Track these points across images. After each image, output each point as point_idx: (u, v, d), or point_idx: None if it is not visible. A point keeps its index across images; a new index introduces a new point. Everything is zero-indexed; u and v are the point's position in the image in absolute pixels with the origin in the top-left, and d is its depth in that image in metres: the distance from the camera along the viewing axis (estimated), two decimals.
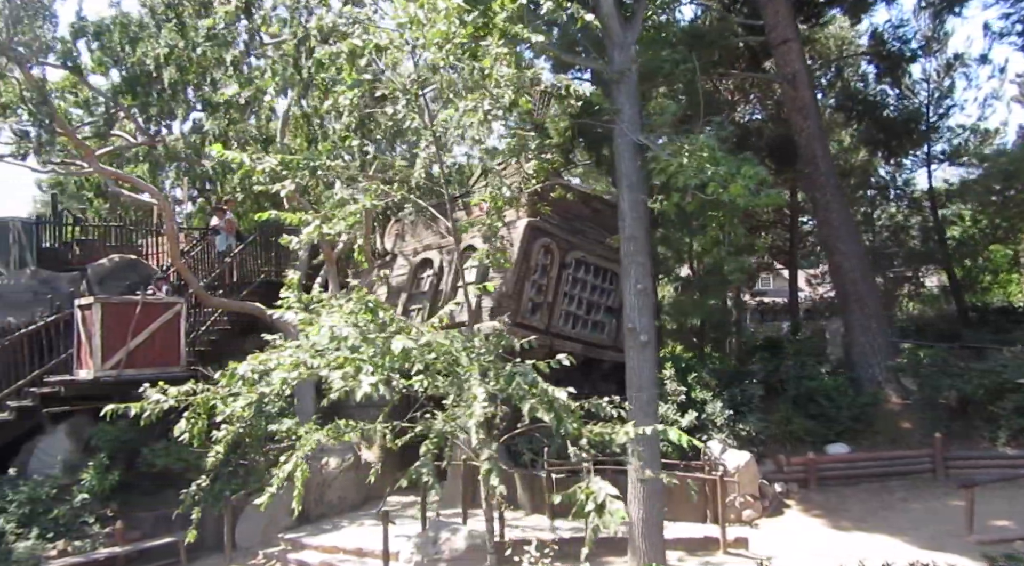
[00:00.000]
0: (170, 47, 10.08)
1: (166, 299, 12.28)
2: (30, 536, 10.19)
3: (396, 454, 14.69)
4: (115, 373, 11.46)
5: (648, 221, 8.59)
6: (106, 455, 11.19)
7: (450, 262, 14.19)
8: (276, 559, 11.13)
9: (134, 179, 12.06)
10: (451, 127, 5.75)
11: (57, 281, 13.95)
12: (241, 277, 15.42)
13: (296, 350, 5.18)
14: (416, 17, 5.10)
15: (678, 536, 10.42)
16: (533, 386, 4.45)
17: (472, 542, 10.40)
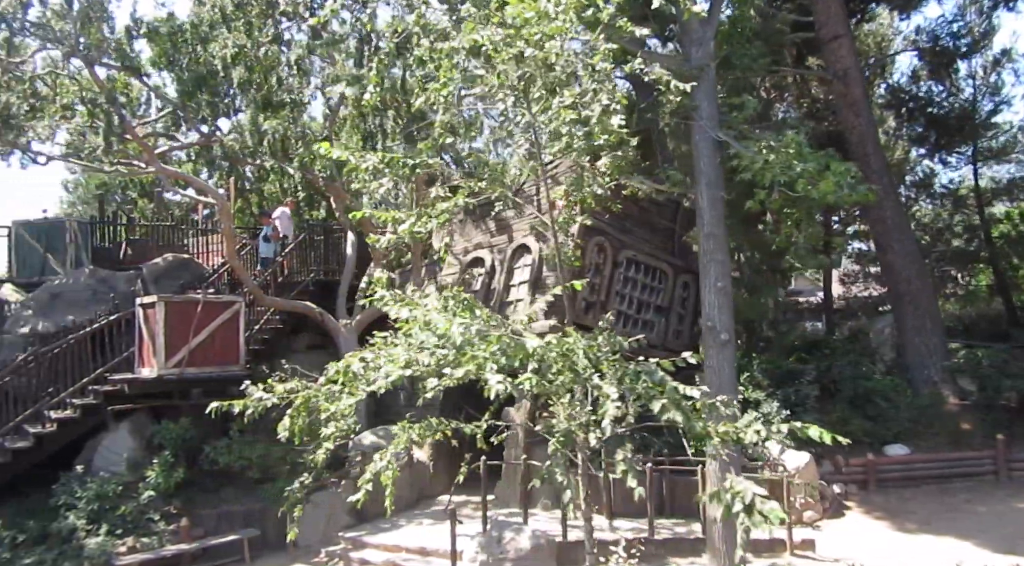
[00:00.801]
0: (238, 47, 10.15)
1: (226, 298, 12.36)
2: (99, 532, 10.30)
3: (446, 454, 14.80)
4: (178, 371, 11.56)
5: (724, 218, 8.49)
6: (170, 453, 11.27)
7: (501, 261, 14.17)
8: (338, 557, 11.16)
9: (195, 179, 12.17)
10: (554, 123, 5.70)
11: (114, 280, 14.10)
12: (291, 277, 15.49)
13: (408, 348, 5.15)
14: (545, 11, 5.05)
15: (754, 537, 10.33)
16: (661, 385, 4.41)
17: (536, 542, 10.35)
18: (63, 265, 14.83)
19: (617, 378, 4.47)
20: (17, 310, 13.68)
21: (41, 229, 15.35)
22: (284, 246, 15.85)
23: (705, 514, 9.41)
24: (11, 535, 10.03)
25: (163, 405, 12.05)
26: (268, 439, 12.44)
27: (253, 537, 11.15)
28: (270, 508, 11.57)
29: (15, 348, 12.99)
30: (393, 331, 6.16)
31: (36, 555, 9.87)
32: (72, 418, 11.55)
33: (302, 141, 11.12)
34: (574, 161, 12.99)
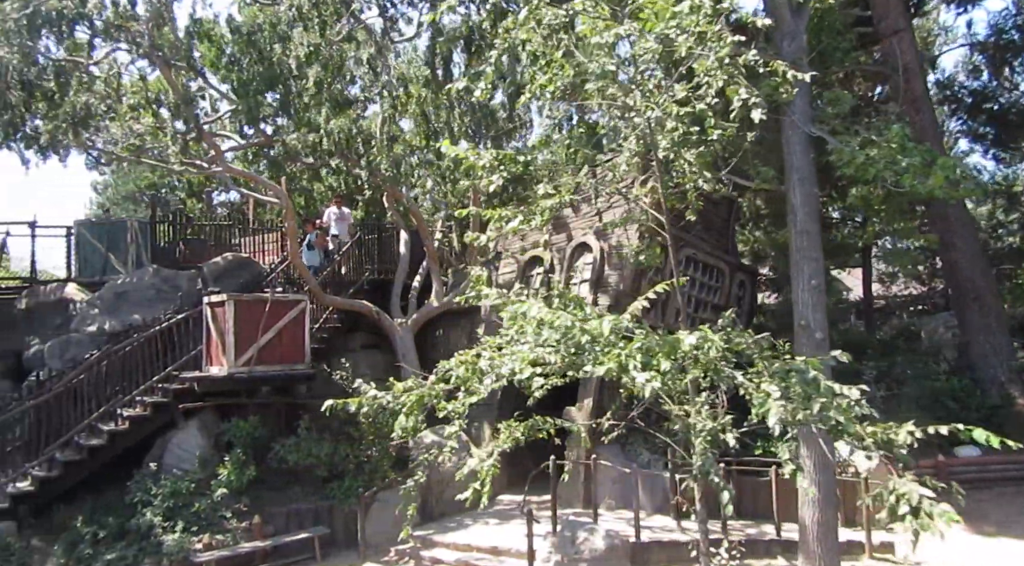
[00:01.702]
0: (312, 46, 10.19)
1: (292, 297, 12.41)
2: (176, 529, 10.37)
3: (505, 454, 14.75)
4: (247, 369, 11.62)
5: (819, 215, 8.35)
6: (242, 451, 11.33)
7: (560, 260, 14.09)
8: (408, 556, 11.16)
9: (260, 178, 12.23)
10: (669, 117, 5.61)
11: (177, 279, 14.22)
12: (346, 276, 15.53)
13: (533, 346, 5.10)
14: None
15: None
16: (814, 385, 4.30)
17: (611, 542, 10.29)
18: (124, 265, 14.99)
19: (774, 376, 4.38)
20: (84, 309, 13.84)
21: (103, 229, 15.53)
22: (340, 246, 15.87)
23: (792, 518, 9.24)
24: (92, 531, 10.14)
25: (231, 403, 12.12)
26: (333, 438, 12.53)
27: (323, 535, 11.18)
28: (338, 506, 11.63)
29: (83, 346, 13.16)
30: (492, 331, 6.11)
31: (117, 551, 9.97)
32: (144, 416, 11.67)
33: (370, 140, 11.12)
34: (676, 155, 12.95)
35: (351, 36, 10.02)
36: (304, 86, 10.68)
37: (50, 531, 10.63)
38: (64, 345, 13.30)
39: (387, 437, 12.32)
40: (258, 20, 10.56)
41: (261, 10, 13.77)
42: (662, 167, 6.64)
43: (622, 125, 6.15)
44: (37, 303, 14.75)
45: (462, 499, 6.10)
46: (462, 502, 13.67)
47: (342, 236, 15.73)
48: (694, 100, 5.69)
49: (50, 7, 8.88)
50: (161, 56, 10.09)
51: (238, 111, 12.22)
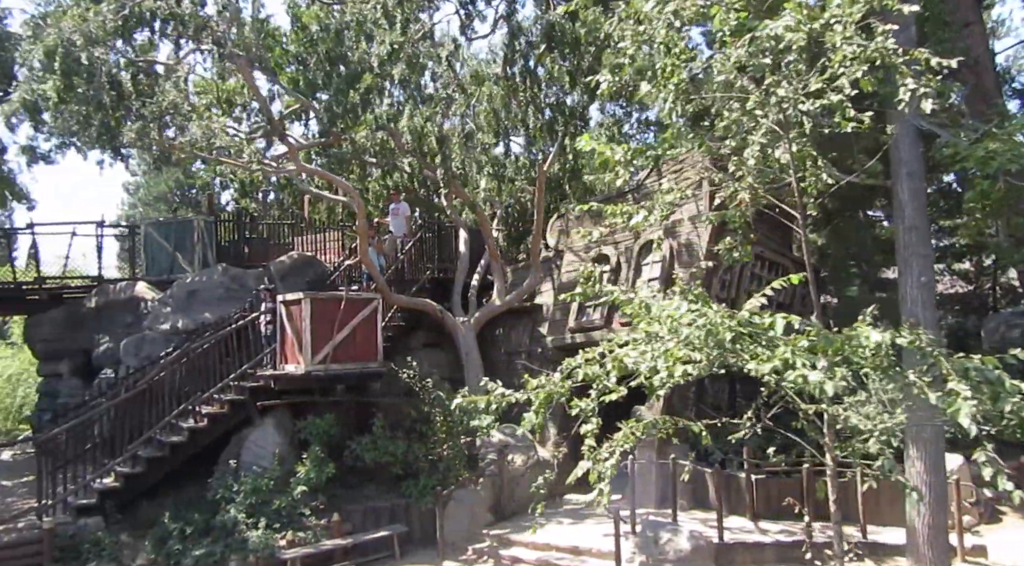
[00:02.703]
0: (394, 44, 10.18)
1: (366, 295, 12.43)
2: (259, 526, 10.41)
3: (569, 452, 14.69)
4: (323, 367, 11.65)
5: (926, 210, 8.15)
6: (320, 448, 11.36)
7: (627, 258, 13.98)
8: (487, 555, 11.13)
9: (333, 176, 12.25)
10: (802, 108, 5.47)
11: (245, 278, 14.32)
12: (409, 274, 15.53)
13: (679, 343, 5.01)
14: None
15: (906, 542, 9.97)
16: (999, 383, 4.16)
17: (696, 543, 10.16)
18: (190, 264, 15.13)
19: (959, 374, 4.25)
20: (156, 307, 13.98)
21: (170, 229, 15.70)
22: (395, 242, 15.84)
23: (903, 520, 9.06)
24: (179, 527, 10.22)
25: (304, 402, 12.17)
26: (406, 436, 12.53)
27: (401, 533, 11.18)
28: (414, 504, 11.63)
29: (157, 344, 13.30)
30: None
31: (204, 547, 10.04)
32: (222, 413, 11.75)
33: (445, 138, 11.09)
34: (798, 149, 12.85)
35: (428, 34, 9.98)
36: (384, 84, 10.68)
37: (136, 526, 10.75)
38: (138, 343, 13.46)
39: (459, 435, 12.32)
40: (345, 18, 10.55)
41: (323, 10, 13.84)
42: (761, 162, 6.51)
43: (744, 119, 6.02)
44: (107, 302, 14.95)
45: (580, 499, 5.97)
46: (528, 501, 13.67)
47: (397, 232, 15.67)
48: (829, 92, 5.55)
49: (145, 7, 8.99)
50: (242, 56, 10.14)
51: (317, 111, 12.25)
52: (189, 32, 9.45)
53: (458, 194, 14.07)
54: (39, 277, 15.38)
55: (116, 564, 9.87)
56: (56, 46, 9.08)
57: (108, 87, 9.54)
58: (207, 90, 13.31)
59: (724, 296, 13.55)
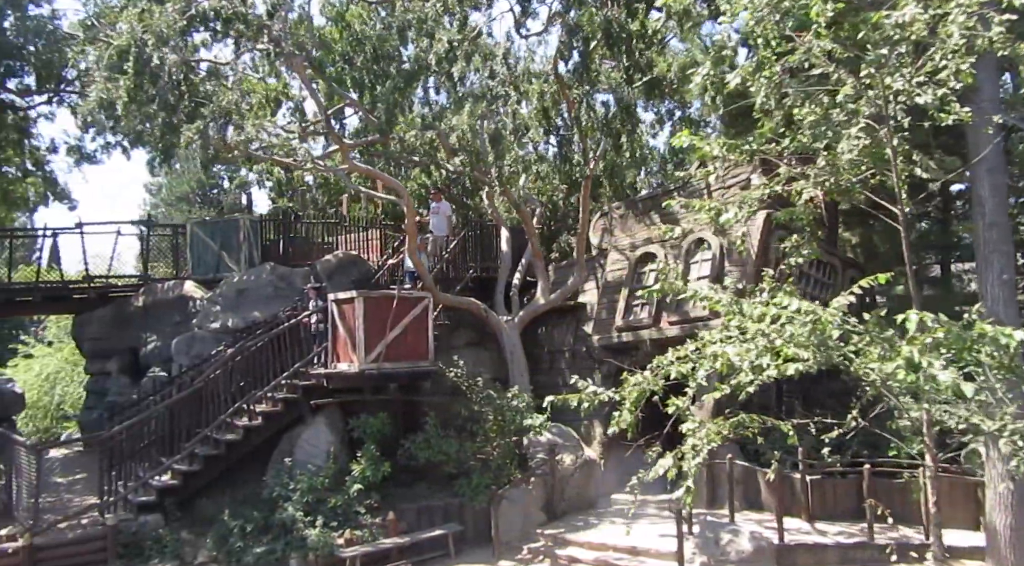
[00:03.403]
0: (452, 42, 10.16)
1: (417, 294, 12.43)
2: (316, 524, 10.42)
3: (616, 452, 14.61)
4: (376, 366, 11.65)
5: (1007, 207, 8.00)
6: (375, 447, 11.37)
7: (676, 256, 13.88)
8: (542, 554, 11.08)
9: (384, 176, 12.25)
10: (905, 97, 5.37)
11: (292, 277, 14.37)
12: (452, 273, 15.51)
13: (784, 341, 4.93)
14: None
15: (973, 544, 9.79)
16: None
17: (758, 545, 10.07)
18: (237, 263, 15.20)
19: None
20: (205, 306, 14.06)
21: (216, 228, 15.80)
22: (437, 242, 15.78)
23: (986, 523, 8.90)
24: (239, 525, 10.25)
25: (359, 400, 12.18)
26: (457, 435, 12.51)
27: (456, 532, 11.16)
28: (467, 503, 11.60)
29: (207, 343, 13.38)
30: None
31: (264, 545, 10.08)
32: (276, 412, 11.79)
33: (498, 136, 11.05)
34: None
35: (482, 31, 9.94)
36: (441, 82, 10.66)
37: (194, 523, 10.81)
38: (189, 341, 13.55)
39: (511, 434, 12.28)
40: (406, 16, 10.50)
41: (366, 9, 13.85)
42: (830, 157, 6.40)
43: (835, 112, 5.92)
44: (154, 301, 15.06)
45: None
46: (581, 501, 13.59)
47: (438, 232, 15.61)
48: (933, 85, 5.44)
49: (210, 6, 9.03)
50: (298, 56, 10.16)
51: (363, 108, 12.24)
52: (250, 31, 9.47)
53: (504, 193, 14.02)
54: (87, 276, 15.52)
55: (178, 561, 9.92)
56: (129, 46, 9.15)
57: (172, 86, 9.61)
58: (254, 89, 13.36)
59: None
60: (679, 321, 13.27)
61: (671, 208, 15.11)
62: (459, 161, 11.33)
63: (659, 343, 13.77)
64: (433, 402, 12.97)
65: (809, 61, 5.76)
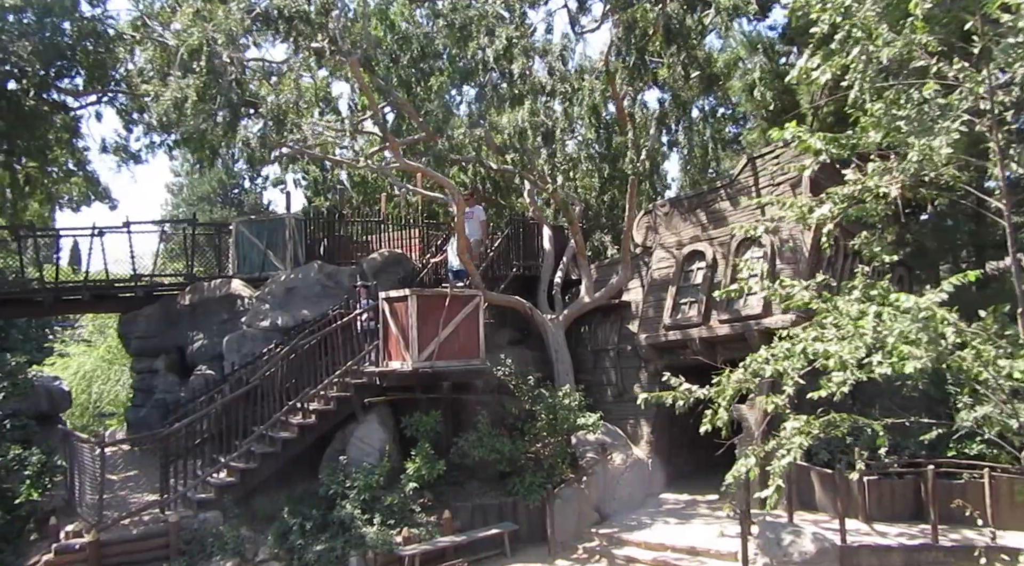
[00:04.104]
0: (511, 39, 10.12)
1: (469, 292, 12.40)
2: (374, 522, 10.45)
3: (663, 452, 14.54)
4: (430, 364, 11.65)
5: None
6: (429, 445, 11.37)
7: (724, 254, 13.76)
8: (599, 554, 11.03)
9: (435, 174, 12.24)
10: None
11: (339, 275, 14.41)
12: (494, 272, 15.48)
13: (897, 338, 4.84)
14: None
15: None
16: None
17: (821, 545, 9.94)
18: (282, 261, 15.27)
19: None
20: (255, 304, 14.13)
21: (262, 226, 15.86)
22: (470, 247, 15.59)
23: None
24: (298, 522, 10.28)
25: (410, 398, 12.19)
26: (509, 433, 12.49)
27: (511, 531, 11.13)
28: (521, 502, 11.57)
29: (257, 341, 13.44)
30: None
31: (324, 542, 10.10)
32: (329, 410, 11.81)
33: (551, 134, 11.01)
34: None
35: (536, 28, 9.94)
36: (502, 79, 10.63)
37: (252, 520, 10.87)
38: (240, 340, 13.62)
39: (563, 433, 12.23)
40: (469, 13, 10.49)
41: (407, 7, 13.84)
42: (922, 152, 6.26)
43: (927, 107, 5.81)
44: (201, 299, 15.15)
45: (762, 498, 5.82)
46: (631, 500, 13.48)
47: (472, 236, 15.49)
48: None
49: (272, 5, 9.06)
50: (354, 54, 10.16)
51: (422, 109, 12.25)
52: (310, 30, 9.48)
53: (551, 192, 13.97)
54: (135, 274, 15.65)
55: (239, 558, 9.96)
56: (201, 45, 9.21)
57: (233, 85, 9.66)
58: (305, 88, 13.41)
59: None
60: (730, 319, 13.15)
61: (717, 205, 15.01)
62: (509, 159, 11.26)
63: (708, 342, 13.69)
64: (483, 401, 12.95)
65: (908, 53, 5.64)
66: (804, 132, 5.54)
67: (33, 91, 12.38)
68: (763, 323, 12.75)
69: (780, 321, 12.65)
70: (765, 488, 5.86)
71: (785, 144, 14.33)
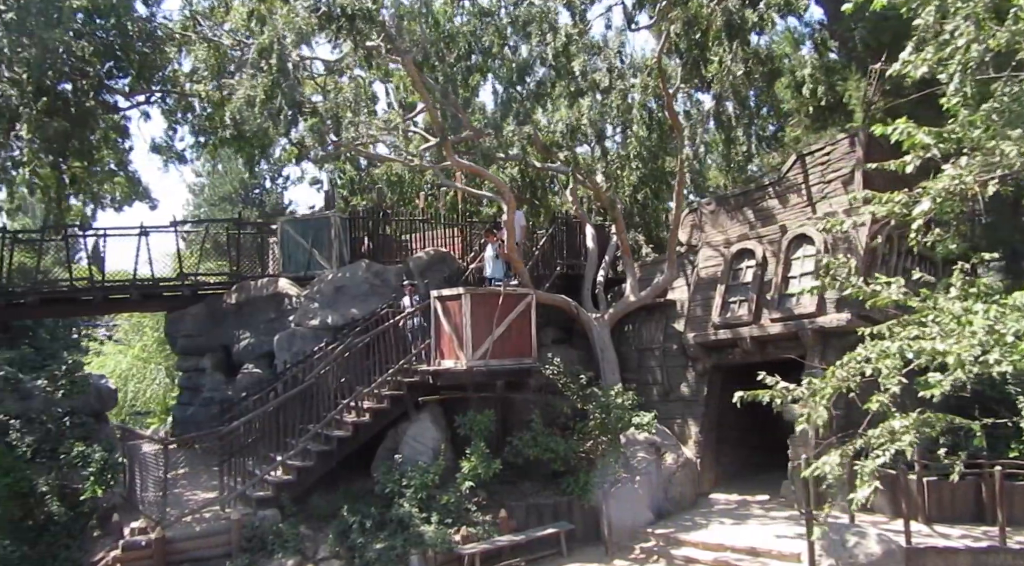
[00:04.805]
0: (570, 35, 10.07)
1: (521, 290, 12.37)
2: (431, 521, 10.43)
3: (711, 452, 14.42)
4: (484, 363, 11.62)
5: None
6: (484, 444, 11.34)
7: (774, 252, 13.61)
8: (656, 554, 10.95)
9: (487, 173, 12.22)
10: None
11: (386, 274, 14.42)
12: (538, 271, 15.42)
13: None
14: None
15: None
16: None
17: (887, 547, 9.79)
18: (328, 260, 15.30)
19: None
20: (304, 303, 14.17)
21: (308, 226, 15.90)
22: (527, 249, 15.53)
23: None
24: (357, 520, 10.29)
25: (462, 397, 12.17)
26: (560, 432, 12.44)
27: (567, 530, 11.08)
28: (576, 501, 11.52)
29: (307, 340, 13.47)
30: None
31: (383, 541, 10.09)
32: (382, 408, 11.82)
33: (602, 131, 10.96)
34: None
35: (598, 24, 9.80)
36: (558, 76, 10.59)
37: (309, 518, 10.88)
38: (290, 338, 13.66)
39: (616, 432, 12.15)
40: (533, 9, 10.48)
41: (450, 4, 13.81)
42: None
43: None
44: (248, 298, 15.21)
45: (849, 500, 5.73)
46: (683, 500, 13.37)
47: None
48: None
49: (336, 4, 9.06)
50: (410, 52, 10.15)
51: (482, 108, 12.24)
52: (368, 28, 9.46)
53: (596, 191, 13.90)
54: (181, 273, 15.76)
55: (300, 556, 9.98)
56: (272, 44, 9.25)
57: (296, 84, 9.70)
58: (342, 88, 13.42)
59: None
60: (782, 318, 13.01)
61: (764, 203, 14.87)
62: (563, 156, 11.20)
63: (759, 341, 13.55)
64: (529, 400, 12.90)
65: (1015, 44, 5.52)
66: (912, 127, 5.43)
67: (92, 92, 12.51)
68: (817, 322, 12.61)
69: (835, 320, 12.51)
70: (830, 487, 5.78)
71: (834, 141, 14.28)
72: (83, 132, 12.84)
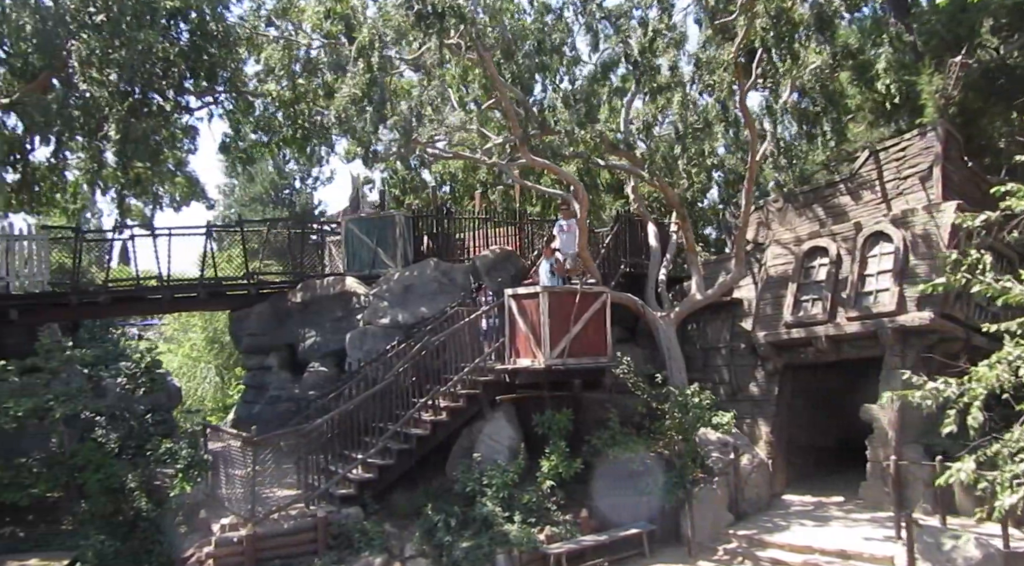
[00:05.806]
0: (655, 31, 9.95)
1: (597, 289, 12.28)
2: (514, 520, 10.38)
3: (783, 452, 14.22)
4: (561, 361, 11.56)
5: None
6: (565, 443, 11.27)
7: (849, 250, 13.37)
8: (740, 555, 10.80)
9: (559, 169, 12.16)
10: None
11: (453, 273, 14.41)
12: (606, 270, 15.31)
13: None
14: None
15: None
16: None
17: (987, 551, 9.55)
18: (392, 259, 15.33)
19: None
20: (373, 302, 14.21)
21: (372, 224, 15.95)
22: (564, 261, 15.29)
23: None
24: (442, 519, 10.27)
25: (537, 395, 12.12)
26: (637, 432, 12.33)
27: (649, 530, 10.97)
28: (654, 501, 11.40)
29: (378, 339, 13.50)
30: None
31: (469, 539, 10.07)
32: (459, 407, 11.80)
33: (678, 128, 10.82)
34: None
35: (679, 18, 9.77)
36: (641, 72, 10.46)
37: (391, 516, 10.90)
38: (361, 337, 13.71)
39: (692, 432, 12.01)
40: (623, 7, 10.37)
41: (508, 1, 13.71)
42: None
43: None
44: (314, 297, 15.28)
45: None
46: (759, 501, 13.19)
47: (567, 250, 15.08)
48: None
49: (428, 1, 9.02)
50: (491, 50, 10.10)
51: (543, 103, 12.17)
52: (460, 25, 9.43)
53: (664, 190, 13.76)
54: (248, 272, 15.89)
55: (387, 554, 9.98)
56: (372, 42, 9.24)
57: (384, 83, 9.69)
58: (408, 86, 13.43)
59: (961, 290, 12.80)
60: (860, 317, 12.79)
61: (835, 200, 14.64)
62: (639, 154, 11.09)
63: (835, 339, 13.32)
64: (600, 399, 12.80)
65: None
66: None
67: (172, 93, 12.68)
68: (897, 321, 12.38)
69: (916, 318, 12.27)
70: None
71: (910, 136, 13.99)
72: (156, 133, 12.98)
